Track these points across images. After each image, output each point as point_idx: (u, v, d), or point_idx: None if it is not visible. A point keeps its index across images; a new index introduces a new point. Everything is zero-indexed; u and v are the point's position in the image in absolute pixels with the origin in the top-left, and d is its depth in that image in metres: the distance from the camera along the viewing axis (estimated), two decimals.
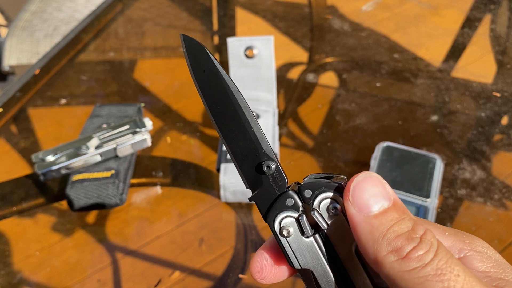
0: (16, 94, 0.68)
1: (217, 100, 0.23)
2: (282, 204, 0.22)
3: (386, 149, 0.55)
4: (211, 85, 0.23)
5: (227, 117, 0.23)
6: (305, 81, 0.72)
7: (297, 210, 0.22)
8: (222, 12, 0.89)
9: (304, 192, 0.22)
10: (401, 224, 0.19)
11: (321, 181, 0.22)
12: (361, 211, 0.20)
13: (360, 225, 0.20)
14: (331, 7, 0.88)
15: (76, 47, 0.78)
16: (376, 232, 0.19)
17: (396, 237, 0.19)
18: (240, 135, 0.23)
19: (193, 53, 0.23)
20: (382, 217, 0.20)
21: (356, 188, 0.20)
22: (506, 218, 0.52)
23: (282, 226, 0.22)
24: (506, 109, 0.66)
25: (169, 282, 0.48)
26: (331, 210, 0.22)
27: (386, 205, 0.20)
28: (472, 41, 0.80)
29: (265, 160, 0.23)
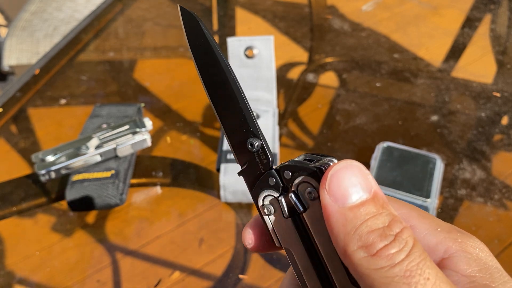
0: (16, 94, 0.68)
1: (210, 72, 0.23)
2: (264, 182, 0.23)
3: (386, 149, 0.55)
4: (205, 57, 0.24)
5: (219, 90, 0.23)
6: (305, 81, 0.72)
7: (278, 190, 0.22)
8: (222, 12, 0.89)
9: (284, 173, 0.22)
10: (377, 219, 0.18)
11: (302, 164, 0.21)
12: (337, 201, 0.19)
13: (333, 216, 0.19)
14: (331, 7, 0.88)
15: (76, 47, 0.78)
16: (349, 225, 0.18)
17: (368, 232, 0.18)
18: (230, 109, 0.23)
19: (189, 26, 0.24)
20: (357, 209, 0.18)
21: (334, 177, 0.19)
22: (506, 218, 0.52)
23: (264, 204, 0.22)
24: (506, 109, 0.66)
25: (169, 282, 0.48)
26: (307, 195, 0.21)
27: (365, 197, 0.19)
28: (472, 41, 0.80)
29: (250, 137, 0.23)
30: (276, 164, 0.23)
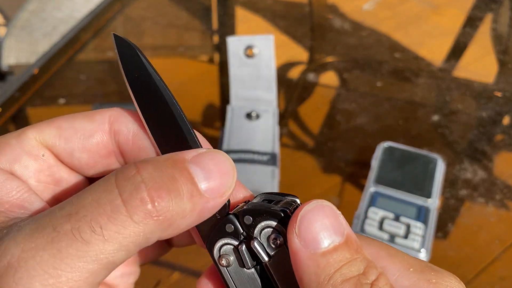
0: (15, 94, 0.68)
1: (150, 102, 0.21)
2: (222, 229, 0.20)
3: (387, 149, 0.55)
4: (145, 91, 0.21)
5: (158, 116, 0.21)
6: (305, 81, 0.71)
7: (238, 238, 0.20)
8: (222, 11, 0.89)
9: (244, 219, 0.19)
10: (351, 265, 0.17)
11: (263, 206, 0.19)
12: (307, 247, 0.17)
13: (304, 263, 0.17)
14: (331, 6, 0.88)
15: (75, 46, 0.77)
16: (322, 274, 0.17)
17: (343, 282, 0.16)
18: (173, 137, 0.20)
19: (125, 55, 0.21)
20: (330, 255, 0.17)
21: (304, 219, 0.17)
22: (507, 218, 0.52)
23: (222, 254, 0.20)
24: (508, 109, 0.65)
25: (168, 283, 0.47)
26: (272, 241, 0.19)
27: (337, 241, 0.17)
28: (474, 40, 0.79)
29: None
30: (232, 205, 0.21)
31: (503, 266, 0.48)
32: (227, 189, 0.18)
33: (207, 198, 0.18)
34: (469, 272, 0.47)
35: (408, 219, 0.47)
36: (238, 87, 0.58)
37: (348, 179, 0.57)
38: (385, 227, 0.47)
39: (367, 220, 0.47)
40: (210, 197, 0.18)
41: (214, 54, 0.81)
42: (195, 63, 0.78)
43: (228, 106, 0.58)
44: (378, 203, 0.49)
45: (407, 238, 0.46)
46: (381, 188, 0.50)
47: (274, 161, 0.52)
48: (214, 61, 0.79)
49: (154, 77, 0.20)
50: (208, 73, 0.76)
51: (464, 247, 0.49)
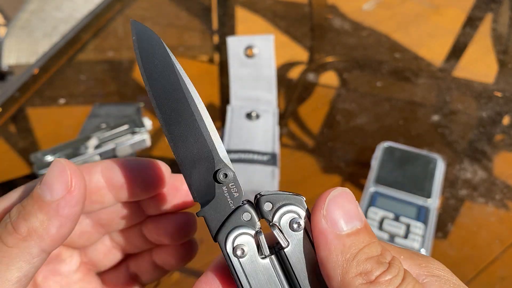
0: (15, 94, 0.68)
1: (170, 99, 0.20)
2: (237, 219, 0.20)
3: (387, 149, 0.55)
4: (163, 80, 0.20)
5: (179, 117, 0.20)
6: (305, 81, 0.71)
7: (254, 226, 0.20)
8: (222, 11, 0.89)
9: (263, 205, 0.20)
10: (371, 247, 0.19)
11: (282, 194, 0.20)
12: (334, 228, 0.19)
13: (332, 242, 0.18)
14: (331, 6, 0.88)
15: (75, 46, 0.77)
16: (347, 252, 0.18)
17: (366, 260, 0.18)
18: (193, 137, 0.20)
19: (144, 42, 0.20)
20: (354, 237, 0.19)
21: (332, 202, 0.19)
22: (508, 218, 0.52)
23: (236, 245, 0.19)
24: (508, 109, 0.65)
25: (169, 283, 0.47)
26: (293, 225, 0.19)
27: (359, 225, 0.19)
28: (474, 40, 0.79)
29: (222, 168, 0.20)
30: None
31: (503, 266, 0.48)
32: (65, 186, 0.21)
33: (55, 201, 0.21)
34: (469, 272, 0.47)
35: (408, 219, 0.47)
36: (238, 87, 0.58)
37: (348, 179, 0.57)
38: (385, 227, 0.47)
39: (367, 220, 0.47)
40: (56, 199, 0.21)
41: (214, 54, 0.81)
42: (195, 63, 0.78)
43: (228, 106, 0.58)
44: (378, 203, 0.49)
45: (407, 238, 0.46)
46: (381, 188, 0.50)
47: (274, 161, 0.52)
48: (214, 61, 0.79)
49: (178, 71, 0.20)
50: (208, 73, 0.76)
51: (464, 247, 0.49)
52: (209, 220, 0.20)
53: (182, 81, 0.20)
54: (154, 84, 0.20)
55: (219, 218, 0.20)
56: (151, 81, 0.20)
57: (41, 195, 0.21)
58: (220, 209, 0.20)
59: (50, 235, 0.21)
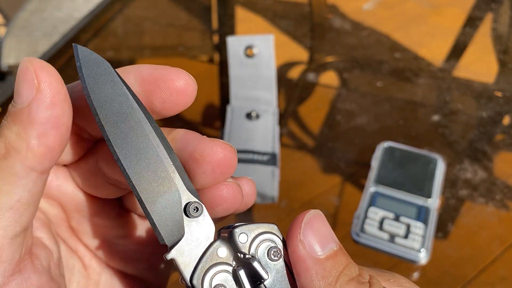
0: None
1: (124, 130, 0.18)
2: (212, 256, 0.18)
3: (387, 149, 0.55)
4: (116, 111, 0.18)
5: (137, 151, 0.18)
6: (305, 81, 0.71)
7: (231, 262, 0.18)
8: (221, 11, 0.89)
9: (238, 238, 0.18)
10: (350, 268, 0.19)
11: (254, 223, 0.19)
12: (312, 252, 0.18)
13: (312, 268, 0.18)
14: (331, 6, 0.88)
15: None
16: (329, 276, 0.18)
17: (348, 282, 0.18)
18: (154, 173, 0.18)
19: (92, 70, 0.18)
20: (333, 260, 0.18)
21: (307, 226, 0.18)
22: (508, 218, 0.52)
23: (215, 286, 0.18)
24: (508, 109, 0.65)
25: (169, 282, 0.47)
26: (271, 255, 0.18)
27: (335, 247, 0.19)
28: (474, 40, 0.79)
29: (193, 202, 0.18)
30: None
31: (503, 266, 0.48)
32: (32, 86, 0.17)
33: (26, 107, 0.18)
34: (469, 272, 0.47)
35: (408, 219, 0.47)
36: (238, 87, 0.58)
37: (348, 179, 0.57)
38: (385, 227, 0.47)
39: (367, 220, 0.47)
40: (27, 104, 0.17)
41: (214, 54, 0.80)
42: (195, 63, 0.78)
43: (228, 106, 0.58)
44: (378, 203, 0.49)
45: (407, 238, 0.46)
46: (381, 188, 0.50)
47: (274, 161, 0.52)
48: (214, 61, 0.79)
49: (133, 103, 0.18)
50: (208, 73, 0.76)
51: (464, 247, 0.49)
52: (181, 263, 0.18)
53: (138, 110, 0.18)
54: (104, 116, 0.18)
55: (192, 259, 0.18)
56: (101, 111, 0.18)
57: (13, 105, 0.18)
58: (192, 249, 0.18)
59: (31, 148, 0.17)
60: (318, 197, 0.55)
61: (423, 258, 0.45)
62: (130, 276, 0.25)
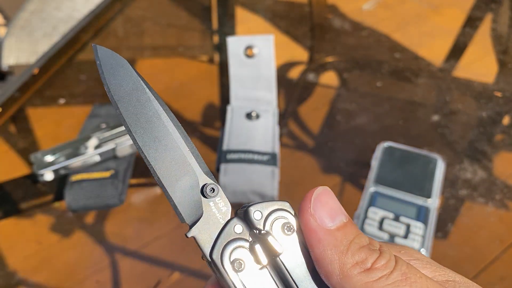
0: (15, 94, 0.68)
1: (142, 120, 0.19)
2: (229, 232, 0.19)
3: (387, 149, 0.55)
4: (134, 103, 0.19)
5: (155, 138, 0.19)
6: (305, 81, 0.71)
7: (247, 238, 0.20)
8: (221, 11, 0.89)
9: (253, 215, 0.20)
10: (360, 237, 0.20)
11: (268, 201, 0.20)
12: (323, 223, 0.19)
13: (324, 238, 0.19)
14: (331, 6, 0.88)
15: (75, 46, 0.77)
16: (340, 245, 0.19)
17: (359, 249, 0.19)
18: (172, 157, 0.19)
19: (110, 66, 0.20)
20: (343, 230, 0.20)
21: (317, 201, 0.20)
22: (508, 218, 0.52)
23: (234, 259, 0.19)
24: (508, 109, 0.65)
25: (169, 283, 0.47)
26: (285, 229, 0.20)
27: (344, 220, 0.20)
28: (473, 40, 0.79)
29: (208, 183, 0.20)
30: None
31: (503, 265, 0.48)
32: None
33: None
34: (469, 272, 0.47)
35: (408, 219, 0.47)
36: (238, 87, 0.58)
37: (348, 179, 0.57)
38: (385, 227, 0.47)
39: (367, 220, 0.47)
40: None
41: (214, 54, 0.81)
42: (195, 63, 0.78)
43: (228, 106, 0.58)
44: (378, 203, 0.49)
45: (407, 238, 0.46)
46: (381, 188, 0.50)
47: (274, 161, 0.52)
48: (214, 61, 0.79)
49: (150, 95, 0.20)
50: (208, 73, 0.76)
51: (464, 247, 0.49)
52: (201, 240, 0.19)
53: (154, 102, 0.20)
54: (124, 108, 0.20)
55: (211, 236, 0.19)
56: (121, 105, 0.20)
57: None
58: (210, 226, 0.19)
59: None
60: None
61: None
62: None
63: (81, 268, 0.49)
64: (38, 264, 0.49)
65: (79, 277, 0.48)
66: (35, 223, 0.53)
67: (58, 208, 0.54)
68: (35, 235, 0.52)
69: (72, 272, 0.48)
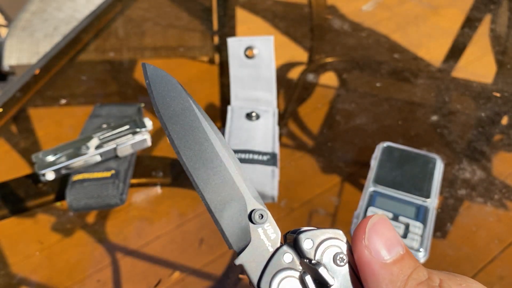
0: (16, 94, 0.68)
1: (191, 142, 0.19)
2: (278, 262, 0.18)
3: (386, 149, 0.55)
4: (183, 124, 0.19)
5: (204, 160, 0.19)
6: (305, 81, 0.72)
7: (297, 268, 0.19)
8: (222, 12, 0.89)
9: (303, 244, 0.19)
10: (418, 272, 0.18)
11: (320, 229, 0.19)
12: (378, 257, 0.18)
13: (379, 273, 0.18)
14: (331, 7, 0.88)
15: (76, 47, 0.78)
16: (397, 281, 0.18)
17: (417, 286, 0.18)
18: (221, 180, 0.19)
19: (159, 86, 0.19)
20: (400, 264, 0.18)
21: (372, 231, 0.18)
22: (506, 218, 0.52)
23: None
24: (506, 109, 0.66)
25: (169, 282, 0.48)
26: (337, 260, 0.19)
27: (401, 252, 0.19)
28: (472, 41, 0.79)
29: (257, 209, 0.19)
30: None
31: (502, 265, 0.48)
32: None
33: None
34: (468, 271, 0.48)
35: (407, 219, 0.48)
36: (238, 88, 0.59)
37: (347, 179, 0.57)
38: None
39: None
40: None
41: (214, 55, 0.81)
42: (196, 64, 0.78)
43: (228, 107, 0.58)
44: (377, 203, 0.49)
45: (406, 238, 0.46)
46: (380, 188, 0.51)
47: (274, 161, 0.52)
48: (215, 61, 0.80)
49: (197, 112, 0.19)
50: (208, 74, 0.77)
51: (463, 246, 0.50)
52: (249, 268, 0.19)
53: (204, 122, 0.19)
54: (174, 129, 0.19)
55: (259, 264, 0.19)
56: (170, 126, 0.19)
57: None
58: (259, 254, 0.19)
59: None
60: (317, 197, 0.55)
61: (422, 258, 0.45)
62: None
63: (82, 268, 0.49)
64: (39, 263, 0.49)
65: (80, 276, 0.48)
66: (37, 223, 0.54)
67: (59, 207, 0.54)
68: (36, 235, 0.52)
69: (73, 271, 0.49)
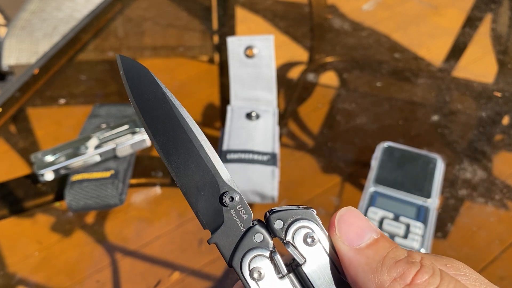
0: (15, 94, 0.68)
1: (165, 129, 0.20)
2: (249, 241, 0.19)
3: (386, 149, 0.55)
4: (156, 111, 0.20)
5: (177, 145, 0.20)
6: (305, 81, 0.71)
7: (268, 247, 0.19)
8: (221, 12, 0.89)
9: (274, 224, 0.19)
10: (396, 251, 0.18)
11: (292, 209, 0.20)
12: (351, 244, 0.19)
13: (354, 258, 0.18)
14: (331, 7, 0.88)
15: (75, 46, 0.77)
16: (373, 262, 0.18)
17: (395, 263, 0.18)
18: (194, 164, 0.20)
19: (133, 76, 0.20)
20: (375, 247, 0.19)
21: (341, 222, 0.19)
22: (507, 218, 0.52)
23: (252, 268, 0.19)
24: (507, 109, 0.65)
25: (169, 283, 0.47)
26: (308, 240, 0.19)
27: (375, 236, 0.19)
28: (473, 40, 0.79)
29: (228, 191, 0.20)
30: None
31: (502, 266, 0.48)
32: None
33: None
34: None
35: (408, 219, 0.47)
36: (238, 87, 0.59)
37: (348, 179, 0.57)
38: (385, 227, 0.47)
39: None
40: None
41: (214, 54, 0.81)
42: (195, 63, 0.78)
43: (228, 106, 0.58)
44: (377, 203, 0.49)
45: (407, 238, 0.46)
46: (380, 188, 0.51)
47: (274, 161, 0.52)
48: (214, 61, 0.79)
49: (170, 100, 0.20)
50: (208, 73, 0.77)
51: (464, 247, 0.49)
52: (221, 246, 0.20)
53: (176, 110, 0.20)
54: (148, 117, 0.20)
55: (231, 243, 0.20)
56: (145, 114, 0.20)
57: None
58: (231, 234, 0.20)
59: None
60: (318, 197, 0.55)
61: None
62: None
63: (81, 268, 0.49)
64: (38, 263, 0.49)
65: (79, 276, 0.48)
66: (36, 223, 0.53)
67: (59, 208, 0.54)
68: (35, 235, 0.52)
69: (72, 271, 0.49)
